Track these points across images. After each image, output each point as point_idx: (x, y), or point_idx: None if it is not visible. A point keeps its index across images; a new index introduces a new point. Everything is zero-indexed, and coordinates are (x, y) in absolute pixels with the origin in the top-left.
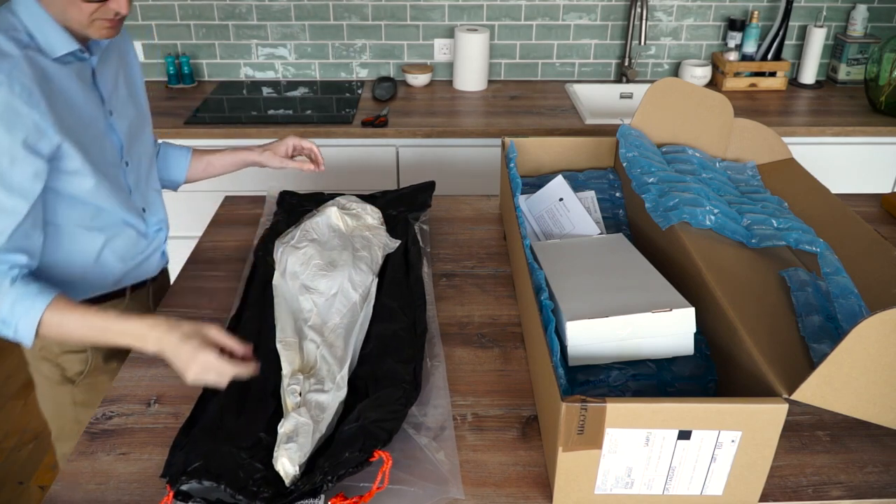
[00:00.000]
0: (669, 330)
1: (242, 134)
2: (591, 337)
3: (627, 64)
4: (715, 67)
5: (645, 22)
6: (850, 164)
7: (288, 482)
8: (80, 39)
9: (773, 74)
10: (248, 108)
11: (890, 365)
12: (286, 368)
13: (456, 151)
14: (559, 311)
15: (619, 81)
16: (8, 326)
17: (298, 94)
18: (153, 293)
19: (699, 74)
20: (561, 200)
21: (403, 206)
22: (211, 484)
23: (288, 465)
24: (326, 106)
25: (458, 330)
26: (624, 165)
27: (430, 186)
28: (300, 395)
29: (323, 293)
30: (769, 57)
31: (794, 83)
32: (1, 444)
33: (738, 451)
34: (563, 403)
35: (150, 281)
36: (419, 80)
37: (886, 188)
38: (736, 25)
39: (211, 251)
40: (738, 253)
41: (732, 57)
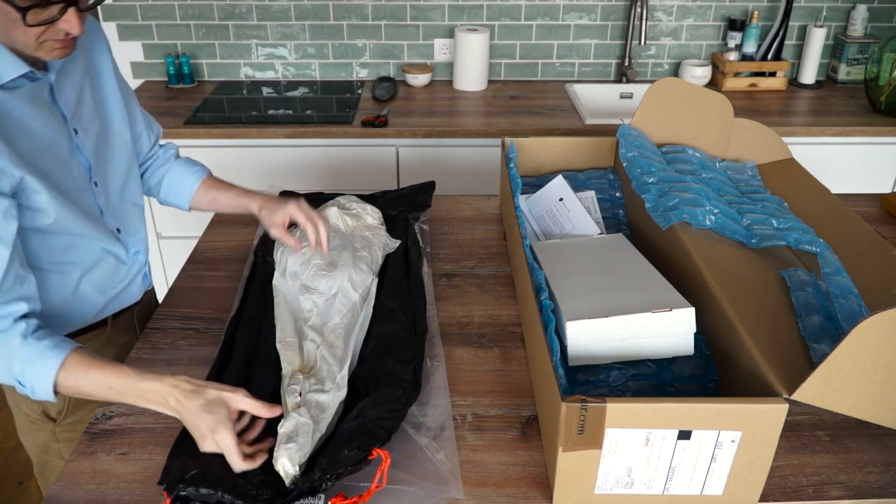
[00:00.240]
0: (669, 330)
1: (242, 134)
2: (591, 337)
3: (627, 64)
4: (715, 67)
5: (645, 22)
6: (850, 164)
7: (288, 482)
8: (30, 60)
9: (773, 74)
10: (248, 108)
11: (890, 365)
12: (286, 368)
13: (456, 151)
14: (559, 311)
15: (619, 81)
16: (24, 388)
17: (298, 94)
18: (137, 316)
19: (699, 74)
20: (561, 200)
21: (403, 206)
22: (208, 491)
23: (288, 465)
24: (326, 106)
25: (458, 330)
26: (624, 165)
27: (430, 186)
28: (300, 395)
29: (323, 293)
30: (769, 57)
31: (794, 83)
32: (1, 444)
33: (738, 451)
34: (563, 403)
35: (133, 306)
36: (419, 80)
37: (886, 188)
38: (736, 25)
39: (211, 251)
40: (738, 253)
41: (732, 57)
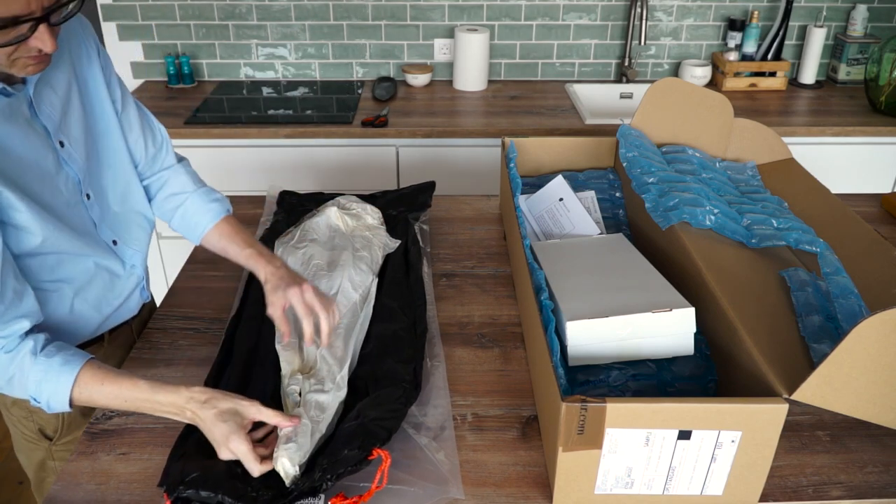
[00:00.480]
0: (669, 330)
1: (242, 134)
2: (591, 337)
3: (627, 64)
4: (715, 67)
5: (645, 22)
6: (850, 164)
7: (288, 482)
8: (2, 76)
9: (773, 74)
10: (248, 108)
11: (890, 365)
12: (285, 369)
13: (456, 151)
14: (559, 311)
15: (619, 81)
16: (40, 404)
17: (298, 94)
18: (136, 330)
19: (699, 74)
20: (561, 200)
21: (403, 206)
22: (208, 494)
23: (288, 465)
24: (326, 106)
25: (458, 330)
26: (624, 165)
27: (430, 186)
28: (300, 394)
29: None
30: (769, 57)
31: (794, 83)
32: (1, 443)
33: (738, 451)
34: (563, 403)
35: (131, 320)
36: (419, 80)
37: (886, 188)
38: (736, 25)
39: (211, 251)
40: (738, 253)
41: (732, 57)
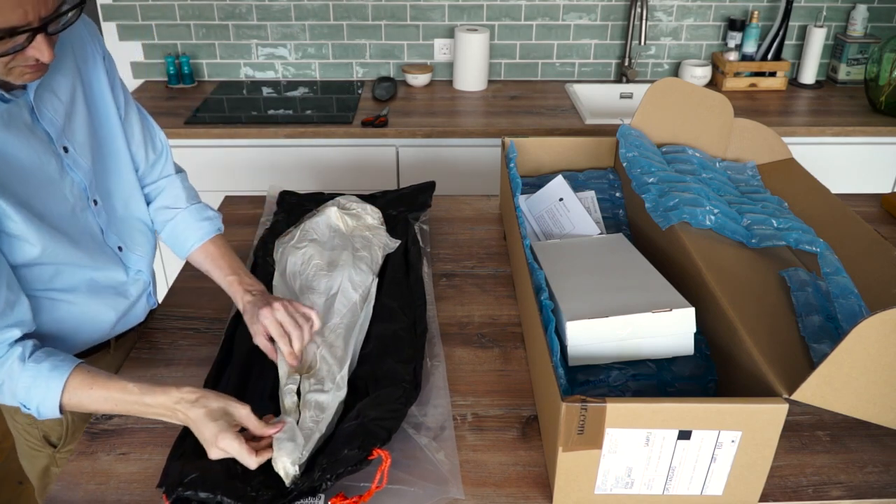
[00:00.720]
0: (669, 330)
1: (242, 134)
2: (591, 337)
3: (627, 64)
4: (715, 67)
5: (645, 22)
6: (850, 164)
7: (288, 482)
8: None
9: (773, 74)
10: (248, 108)
11: (890, 365)
12: (283, 369)
13: (456, 151)
14: (559, 311)
15: (619, 81)
16: (30, 410)
17: (298, 94)
18: (141, 336)
19: (699, 74)
20: (561, 200)
21: (403, 206)
22: (207, 494)
23: (288, 465)
24: (326, 106)
25: (458, 330)
26: (624, 165)
27: (430, 186)
28: (298, 395)
29: (323, 293)
30: (769, 57)
31: (794, 83)
32: (1, 443)
33: (738, 451)
34: (563, 403)
35: (137, 326)
36: (419, 80)
37: (886, 188)
38: (736, 25)
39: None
40: (738, 253)
41: (732, 57)
